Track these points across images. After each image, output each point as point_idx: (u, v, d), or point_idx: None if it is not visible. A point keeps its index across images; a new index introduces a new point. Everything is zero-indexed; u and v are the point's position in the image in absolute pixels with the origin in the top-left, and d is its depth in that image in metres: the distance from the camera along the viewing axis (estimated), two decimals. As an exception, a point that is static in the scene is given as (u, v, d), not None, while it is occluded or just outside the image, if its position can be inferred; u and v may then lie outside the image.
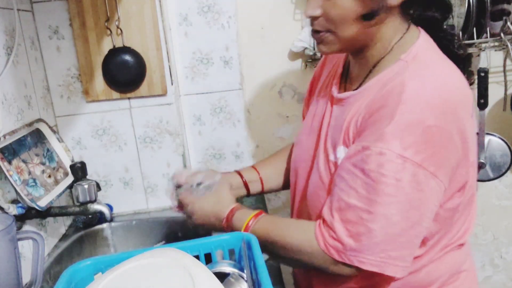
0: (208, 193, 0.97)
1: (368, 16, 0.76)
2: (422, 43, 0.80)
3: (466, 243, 0.91)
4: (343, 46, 0.81)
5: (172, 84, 1.41)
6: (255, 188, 1.10)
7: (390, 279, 0.80)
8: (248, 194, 1.10)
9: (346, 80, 0.92)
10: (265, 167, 1.13)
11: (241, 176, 1.09)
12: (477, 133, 1.48)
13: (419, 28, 0.83)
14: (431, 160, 0.71)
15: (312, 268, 0.83)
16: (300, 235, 0.82)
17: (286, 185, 1.12)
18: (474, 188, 0.85)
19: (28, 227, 1.15)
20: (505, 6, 1.38)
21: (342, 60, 0.95)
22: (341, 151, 0.82)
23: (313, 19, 0.80)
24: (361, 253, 0.74)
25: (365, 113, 0.78)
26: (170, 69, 1.40)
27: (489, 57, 1.56)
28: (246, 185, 1.09)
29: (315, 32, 0.82)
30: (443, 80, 0.75)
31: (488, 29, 1.39)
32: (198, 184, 0.99)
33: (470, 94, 0.79)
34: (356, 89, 0.85)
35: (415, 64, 0.77)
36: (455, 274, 0.89)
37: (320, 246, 0.78)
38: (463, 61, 0.83)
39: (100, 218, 1.35)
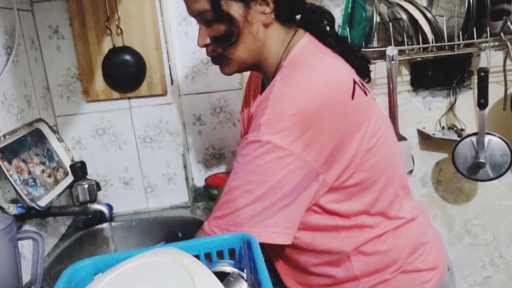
0: None
1: (230, 37, 0.87)
2: (300, 46, 0.90)
3: (418, 217, 0.96)
4: (238, 65, 0.93)
5: (172, 83, 1.41)
6: None
7: (332, 246, 0.89)
8: None
9: None
10: None
11: None
12: (477, 133, 1.48)
13: (306, 32, 0.92)
14: (297, 142, 0.79)
15: None
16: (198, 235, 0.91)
17: None
18: (381, 165, 0.89)
19: (28, 227, 1.15)
20: (505, 5, 1.38)
21: (260, 82, 1.05)
22: None
23: (206, 47, 0.92)
24: (241, 227, 0.82)
25: (252, 117, 0.88)
26: (170, 68, 1.40)
27: (489, 57, 1.55)
28: None
29: (212, 58, 0.94)
30: (306, 75, 0.83)
31: (488, 28, 1.39)
32: None
33: (343, 84, 0.84)
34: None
35: (288, 67, 0.87)
36: (419, 247, 0.93)
37: (206, 232, 0.87)
38: (359, 57, 0.93)
39: (100, 218, 1.35)
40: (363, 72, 0.94)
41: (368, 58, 0.97)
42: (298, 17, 0.95)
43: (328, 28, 0.96)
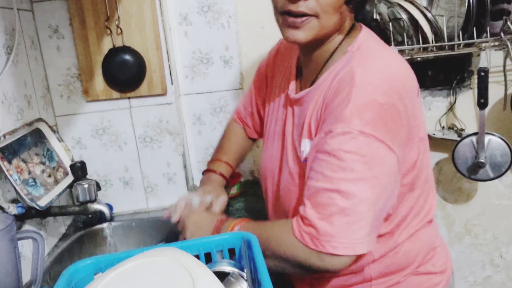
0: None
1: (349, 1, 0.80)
2: (364, 35, 0.86)
3: (434, 220, 0.96)
4: (322, 32, 0.81)
5: (172, 83, 1.41)
6: (228, 174, 1.18)
7: (366, 260, 0.85)
8: (227, 182, 1.17)
9: (301, 80, 0.96)
10: (228, 155, 1.20)
11: (221, 175, 1.15)
12: (477, 133, 1.48)
13: (360, 24, 0.89)
14: (387, 135, 0.74)
15: (295, 267, 0.82)
16: (280, 229, 0.84)
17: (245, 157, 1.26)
18: (428, 166, 0.90)
19: (28, 226, 1.15)
20: (505, 5, 1.38)
21: (294, 64, 0.99)
22: (305, 144, 0.85)
23: (301, 0, 0.77)
24: (334, 238, 0.74)
25: (322, 105, 0.82)
26: (170, 68, 1.40)
27: (489, 57, 1.55)
28: (225, 178, 1.16)
29: (297, 16, 0.79)
30: (385, 65, 0.81)
31: (488, 28, 1.39)
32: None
33: (412, 76, 0.84)
34: (310, 85, 0.88)
35: (360, 53, 0.82)
36: (430, 251, 0.93)
37: (295, 235, 0.79)
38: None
39: (100, 217, 1.35)
40: None
41: None
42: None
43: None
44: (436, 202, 0.97)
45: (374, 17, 1.40)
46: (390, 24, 1.45)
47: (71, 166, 1.29)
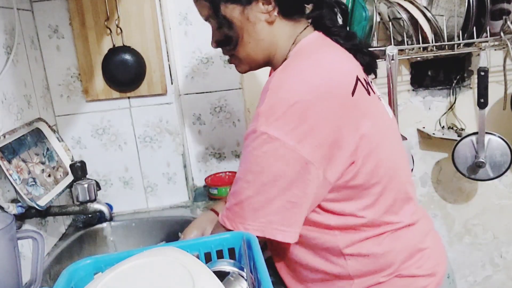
0: None
1: (230, 41, 0.91)
2: (308, 40, 0.89)
3: (419, 222, 0.94)
4: (249, 64, 0.95)
5: (172, 83, 1.41)
6: None
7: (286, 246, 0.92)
8: None
9: None
10: None
11: (217, 214, 1.15)
12: (477, 133, 1.48)
13: (315, 30, 0.92)
14: (292, 134, 0.78)
15: None
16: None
17: None
18: (389, 167, 0.88)
19: (28, 226, 1.15)
20: (505, 5, 1.38)
21: None
22: None
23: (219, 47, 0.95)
24: (245, 220, 0.83)
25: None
26: (170, 68, 1.40)
27: (489, 57, 1.56)
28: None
29: (228, 58, 0.97)
30: (308, 65, 0.83)
31: (488, 28, 1.39)
32: None
33: (344, 78, 0.84)
34: None
35: (291, 58, 0.88)
36: (415, 253, 0.92)
37: (219, 220, 0.89)
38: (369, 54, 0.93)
39: (100, 217, 1.35)
40: (371, 69, 0.94)
41: (376, 55, 0.97)
42: (309, 7, 0.93)
43: (341, 19, 0.96)
44: (415, 204, 0.95)
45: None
46: (390, 23, 1.45)
47: (71, 166, 1.29)
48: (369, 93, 0.88)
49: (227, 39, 0.91)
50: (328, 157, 0.81)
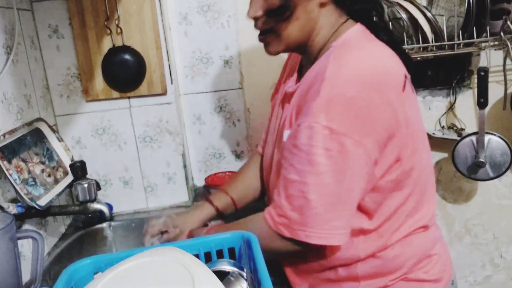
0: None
1: (285, 12, 0.82)
2: (353, 32, 0.85)
3: (431, 228, 0.94)
4: (287, 44, 0.87)
5: (172, 83, 1.41)
6: (229, 210, 1.14)
7: (336, 249, 0.86)
8: (223, 218, 1.14)
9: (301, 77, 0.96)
10: (236, 187, 1.16)
11: (213, 205, 1.12)
12: (477, 132, 1.48)
13: (358, 23, 0.88)
14: (355, 128, 0.75)
15: (273, 253, 0.85)
16: (251, 223, 0.88)
17: (262, 193, 1.17)
18: (423, 167, 0.88)
19: (27, 226, 1.15)
20: (505, 5, 1.38)
21: (299, 60, 1.00)
22: (286, 135, 0.87)
23: (256, 20, 0.86)
24: (306, 227, 0.78)
25: (300, 99, 0.84)
26: (170, 68, 1.40)
27: (489, 56, 1.55)
28: (219, 213, 1.12)
29: (260, 35, 0.88)
30: (363, 58, 0.80)
31: (488, 28, 1.39)
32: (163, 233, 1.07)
33: (397, 71, 0.82)
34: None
35: (340, 48, 0.83)
36: (424, 258, 0.92)
37: (270, 227, 0.82)
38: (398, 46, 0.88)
39: (100, 217, 1.34)
40: (408, 67, 0.90)
41: (410, 54, 0.95)
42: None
43: (377, 19, 0.92)
44: (434, 207, 0.95)
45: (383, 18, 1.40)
46: (390, 23, 1.45)
47: (71, 166, 1.29)
48: (412, 91, 0.87)
49: (281, 9, 0.82)
50: (380, 153, 0.79)
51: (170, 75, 1.40)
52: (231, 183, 1.18)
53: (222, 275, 0.71)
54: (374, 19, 0.90)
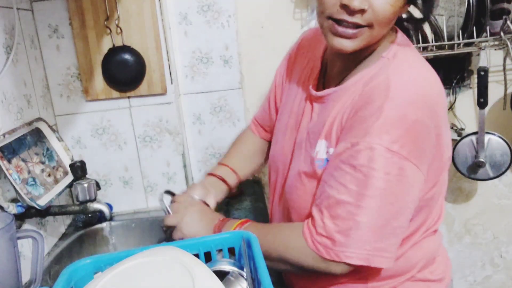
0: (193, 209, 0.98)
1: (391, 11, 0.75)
2: (400, 42, 0.83)
3: (438, 230, 0.94)
4: (370, 42, 0.79)
5: (172, 83, 1.41)
6: (232, 180, 1.12)
7: (376, 270, 0.82)
8: (229, 188, 1.11)
9: (324, 78, 0.93)
10: (232, 159, 1.16)
11: (214, 175, 1.10)
12: (477, 132, 1.48)
13: (396, 27, 0.86)
14: (415, 153, 0.73)
15: (300, 268, 0.83)
16: (288, 233, 0.84)
17: (257, 168, 1.18)
18: (446, 180, 0.89)
19: (27, 226, 1.14)
20: (505, 5, 1.38)
21: (319, 58, 0.96)
22: (321, 144, 0.83)
23: (358, 12, 0.74)
24: (348, 248, 0.75)
25: (350, 110, 0.79)
26: (169, 68, 1.40)
27: (489, 56, 1.55)
28: (223, 180, 1.10)
29: (351, 27, 0.76)
30: (422, 78, 0.79)
31: (488, 28, 1.39)
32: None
33: (443, 92, 0.82)
34: (337, 85, 0.86)
35: (397, 62, 0.80)
36: (431, 260, 0.92)
37: (307, 244, 0.79)
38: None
39: (99, 217, 1.35)
40: None
41: None
42: None
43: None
44: (444, 211, 0.95)
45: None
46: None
47: (71, 166, 1.29)
48: None
49: (394, 6, 0.75)
50: (427, 175, 0.78)
51: (170, 75, 1.40)
52: (228, 156, 1.18)
53: (222, 275, 0.71)
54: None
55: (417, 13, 1.37)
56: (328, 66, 0.93)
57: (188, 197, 1.01)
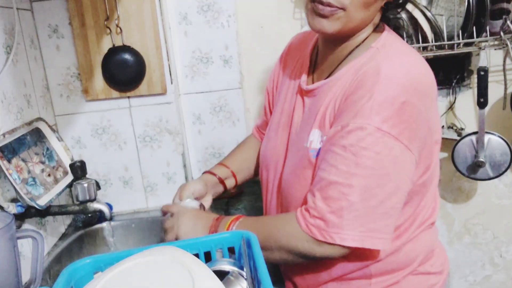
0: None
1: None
2: (388, 34, 0.86)
3: (435, 224, 0.95)
4: (346, 27, 0.81)
5: (171, 83, 1.41)
6: (229, 182, 1.14)
7: (372, 257, 0.84)
8: (225, 189, 1.13)
9: (314, 72, 0.95)
10: (233, 161, 1.17)
11: (214, 174, 1.11)
12: (477, 132, 1.48)
13: (383, 23, 0.89)
14: (405, 133, 0.74)
15: (297, 255, 0.83)
16: (282, 220, 0.85)
17: (256, 172, 1.19)
18: (438, 166, 0.89)
19: (27, 226, 1.14)
20: (505, 5, 1.38)
21: (308, 55, 0.98)
22: (314, 134, 0.84)
23: None
24: (342, 230, 0.76)
25: (342, 97, 0.81)
26: (169, 68, 1.40)
27: (488, 56, 1.55)
28: (221, 181, 1.12)
29: (325, 5, 0.79)
30: (411, 63, 0.81)
31: (487, 28, 1.39)
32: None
33: (433, 78, 0.84)
34: (327, 77, 0.88)
35: (386, 50, 0.82)
36: (430, 253, 0.93)
37: (301, 227, 0.80)
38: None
39: (99, 217, 1.35)
40: None
41: None
42: None
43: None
44: (439, 203, 0.96)
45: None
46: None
47: (71, 166, 1.29)
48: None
49: None
50: (419, 159, 0.79)
51: (170, 74, 1.40)
52: (229, 158, 1.19)
53: (222, 275, 0.71)
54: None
55: (415, 12, 1.38)
56: (318, 61, 0.94)
57: (178, 207, 1.00)
